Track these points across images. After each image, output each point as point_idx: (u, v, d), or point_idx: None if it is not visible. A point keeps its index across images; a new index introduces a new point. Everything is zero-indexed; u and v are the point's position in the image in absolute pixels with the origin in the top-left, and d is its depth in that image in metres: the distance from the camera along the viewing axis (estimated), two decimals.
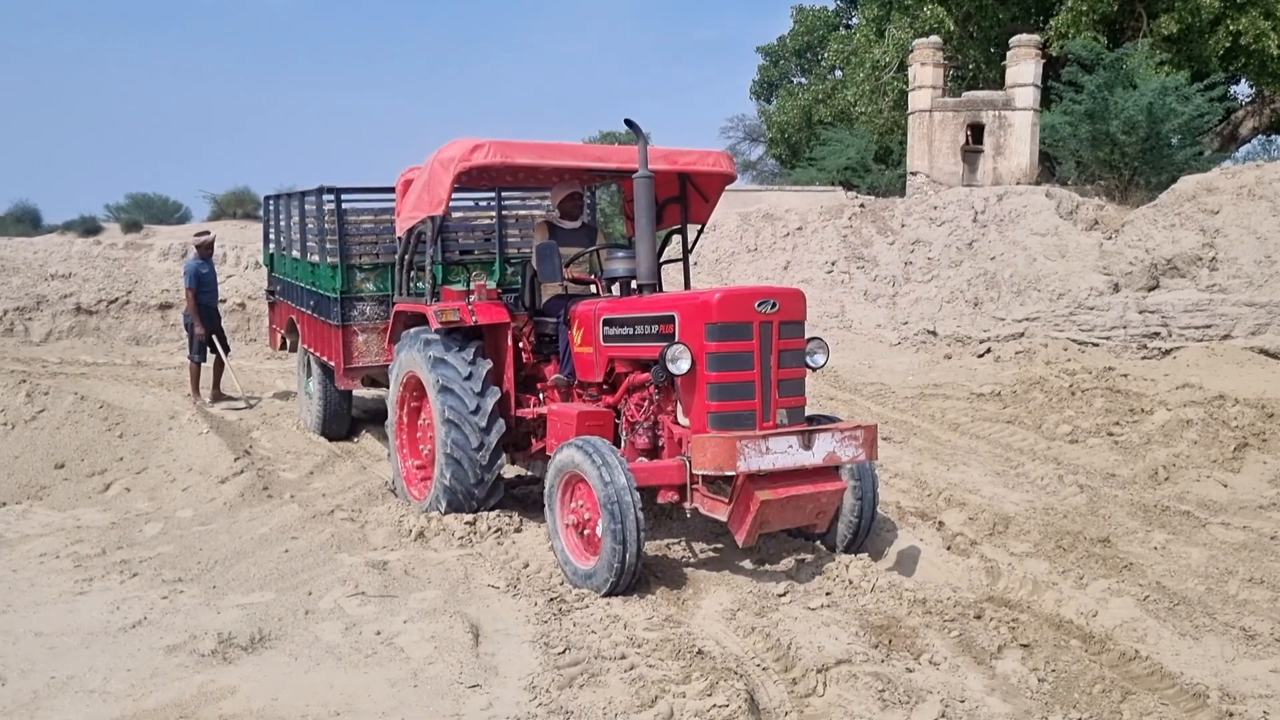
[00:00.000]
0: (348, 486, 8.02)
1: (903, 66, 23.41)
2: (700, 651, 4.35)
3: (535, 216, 9.11)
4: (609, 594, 5.21)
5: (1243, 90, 26.47)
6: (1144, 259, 15.57)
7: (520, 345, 7.08)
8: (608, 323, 6.16)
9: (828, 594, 5.07)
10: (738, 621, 4.84)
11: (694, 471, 5.20)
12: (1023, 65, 20.87)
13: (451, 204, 7.44)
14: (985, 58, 24.58)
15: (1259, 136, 28.08)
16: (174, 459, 8.71)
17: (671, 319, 5.55)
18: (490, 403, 6.49)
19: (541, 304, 7.16)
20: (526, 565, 5.94)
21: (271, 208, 11.35)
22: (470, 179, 7.54)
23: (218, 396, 11.35)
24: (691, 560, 5.92)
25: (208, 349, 11.27)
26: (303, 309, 9.83)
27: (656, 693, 4.00)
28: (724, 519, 5.21)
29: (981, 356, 13.74)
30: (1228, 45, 22.21)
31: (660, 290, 6.55)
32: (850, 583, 5.12)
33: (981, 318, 15.70)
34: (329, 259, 8.81)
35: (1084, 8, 22.19)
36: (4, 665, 4.83)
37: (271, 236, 11.36)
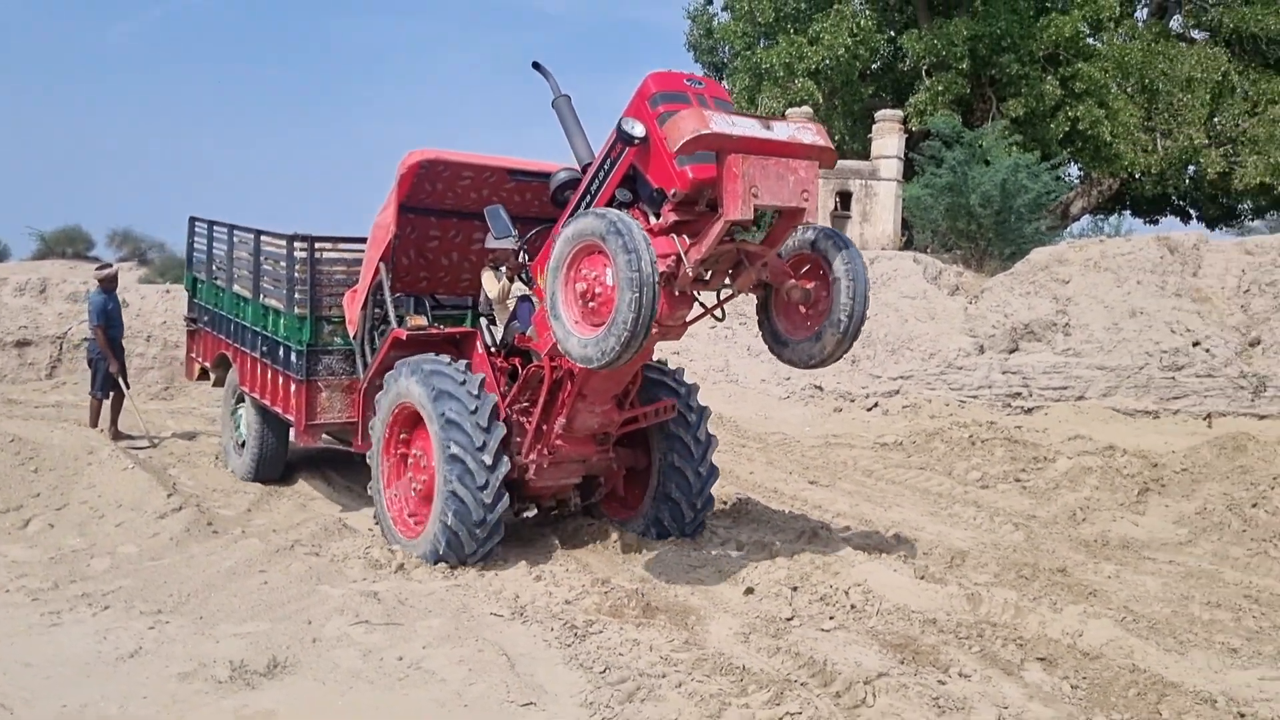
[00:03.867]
0: (296, 523, 7.89)
1: None
2: (745, 668, 4.57)
3: None
4: (637, 321, 5.12)
5: (1072, 172, 28.70)
6: (1004, 323, 16.68)
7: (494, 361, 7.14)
8: (566, 225, 6.05)
9: (831, 618, 5.37)
10: (754, 644, 5.06)
11: (672, 150, 5.30)
12: (887, 139, 22.18)
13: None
14: (850, 130, 25.93)
15: (1087, 216, 30.50)
16: (99, 495, 8.34)
17: (617, 136, 5.81)
18: (496, 439, 6.41)
19: (498, 337, 7.28)
20: (517, 597, 6.01)
21: (201, 232, 10.72)
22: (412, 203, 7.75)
23: (117, 434, 10.91)
24: (682, 592, 6.10)
25: (110, 386, 10.85)
26: (248, 350, 9.34)
27: (719, 706, 4.19)
28: (715, 236, 5.41)
29: (870, 410, 14.44)
30: (1067, 129, 24.12)
31: None
32: (854, 607, 5.44)
33: (859, 375, 16.47)
34: (297, 309, 8.41)
35: (940, 88, 23.76)
36: (2, 695, 4.63)
37: (197, 262, 10.80)
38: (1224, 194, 26.66)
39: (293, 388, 8.43)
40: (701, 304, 6.29)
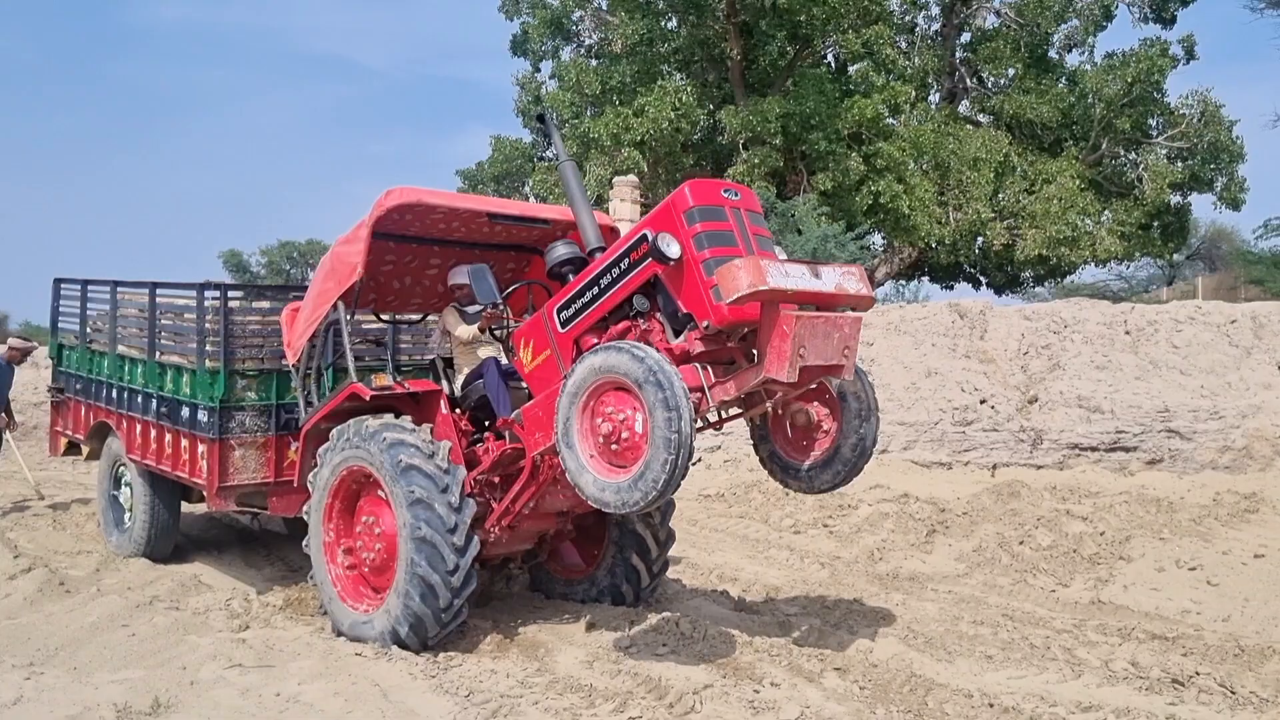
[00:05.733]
0: (150, 580, 8.13)
1: (600, 200, 25.58)
2: (592, 686, 5.30)
3: (429, 323, 8.82)
4: (668, 483, 4.90)
5: (876, 241, 30.97)
6: None
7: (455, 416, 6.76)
8: (562, 308, 5.92)
9: (664, 645, 6.14)
10: (598, 669, 5.78)
11: (724, 302, 5.02)
12: None
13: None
14: None
15: (890, 281, 32.86)
16: None
17: (644, 238, 5.41)
18: (469, 558, 6.09)
19: (458, 388, 7.02)
20: None
21: (70, 294, 10.09)
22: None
23: None
24: (530, 629, 6.76)
25: None
26: (138, 415, 8.79)
27: (571, 717, 4.91)
28: (750, 387, 5.29)
29: (694, 464, 15.42)
30: (870, 203, 26.13)
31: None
32: (683, 634, 6.23)
33: None
34: (208, 362, 7.91)
35: (756, 161, 25.41)
36: None
37: (68, 326, 10.24)
38: (1008, 263, 29.28)
39: (202, 448, 7.91)
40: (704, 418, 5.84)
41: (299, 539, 9.32)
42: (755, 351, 5.35)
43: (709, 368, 5.41)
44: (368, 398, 6.50)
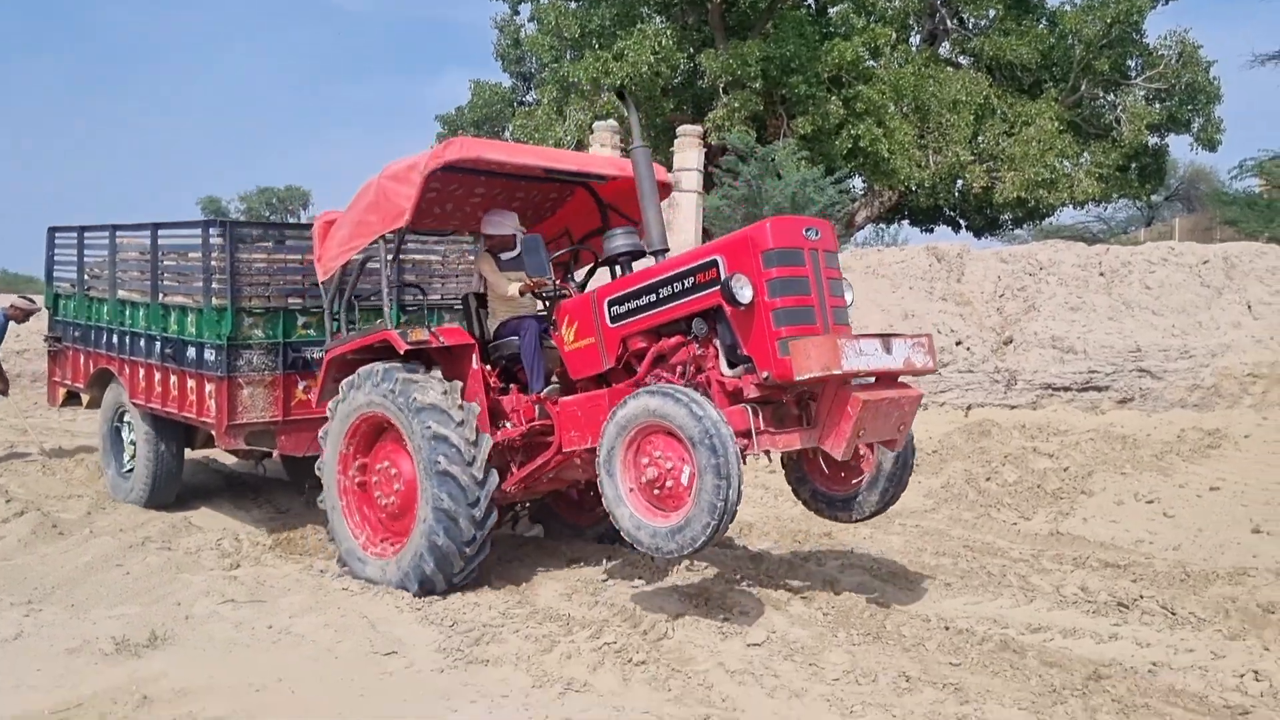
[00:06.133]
0: (140, 523, 8.34)
1: (580, 145, 25.60)
2: (570, 616, 5.57)
3: (432, 262, 8.97)
4: (705, 543, 4.91)
5: (856, 185, 31.10)
6: None
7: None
8: (614, 303, 5.83)
9: (640, 578, 6.42)
10: (576, 600, 6.05)
11: (796, 378, 4.98)
12: (688, 152, 23.58)
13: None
14: (653, 142, 27.33)
15: (870, 224, 33.04)
16: None
17: (714, 263, 5.34)
18: (488, 493, 6.10)
19: (490, 333, 6.96)
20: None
21: (65, 242, 10.02)
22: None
23: None
24: (511, 565, 7.04)
25: None
26: (141, 359, 8.72)
27: (550, 643, 5.19)
28: (799, 447, 5.33)
29: None
30: (850, 146, 26.22)
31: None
32: (658, 569, 6.51)
33: None
34: (215, 300, 7.82)
35: (736, 105, 25.43)
36: None
37: (64, 275, 10.19)
38: (987, 206, 29.47)
39: (209, 388, 7.83)
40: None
41: (291, 484, 9.64)
42: (812, 404, 5.37)
43: (759, 411, 5.29)
44: (402, 351, 6.35)
